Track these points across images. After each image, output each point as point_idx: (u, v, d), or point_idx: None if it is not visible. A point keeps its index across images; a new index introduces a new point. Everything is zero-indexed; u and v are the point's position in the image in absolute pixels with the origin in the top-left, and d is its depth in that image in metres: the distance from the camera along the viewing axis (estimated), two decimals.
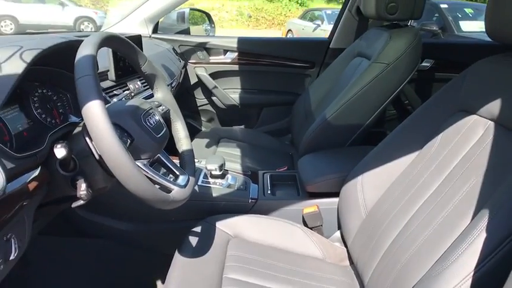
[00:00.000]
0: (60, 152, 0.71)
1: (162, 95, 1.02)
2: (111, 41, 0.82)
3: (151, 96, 1.03)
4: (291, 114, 2.02)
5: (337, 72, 1.79)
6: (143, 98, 1.16)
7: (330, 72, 1.85)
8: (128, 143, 0.78)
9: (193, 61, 2.13)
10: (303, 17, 10.74)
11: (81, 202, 0.80)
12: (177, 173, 0.93)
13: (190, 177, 0.93)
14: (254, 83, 2.22)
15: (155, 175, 0.82)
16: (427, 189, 0.93)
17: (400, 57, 1.40)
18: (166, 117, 1.03)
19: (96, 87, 0.67)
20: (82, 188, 0.77)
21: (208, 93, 2.22)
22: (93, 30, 9.74)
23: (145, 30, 1.94)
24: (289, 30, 10.63)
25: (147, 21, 1.92)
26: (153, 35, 1.98)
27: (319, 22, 9.20)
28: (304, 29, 9.64)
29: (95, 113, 0.66)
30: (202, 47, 2.11)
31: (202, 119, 2.33)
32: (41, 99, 0.91)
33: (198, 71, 2.14)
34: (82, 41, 0.75)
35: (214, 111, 2.30)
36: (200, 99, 2.26)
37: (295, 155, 1.84)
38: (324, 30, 8.54)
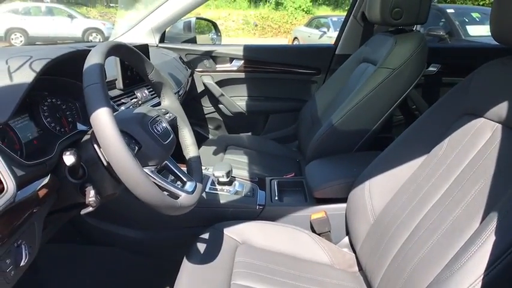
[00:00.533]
0: (69, 159, 0.72)
1: (169, 102, 1.03)
2: (118, 50, 0.83)
3: (159, 104, 1.04)
4: (298, 121, 2.03)
5: (343, 78, 1.79)
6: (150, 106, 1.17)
7: (336, 78, 1.85)
8: (136, 150, 0.79)
9: (200, 69, 2.15)
10: (309, 24, 10.76)
11: (90, 209, 0.81)
12: (185, 179, 0.94)
13: (197, 183, 0.94)
14: (260, 90, 2.23)
15: (163, 181, 0.83)
16: (435, 193, 0.92)
17: (405, 62, 1.40)
18: (174, 125, 1.04)
19: (104, 95, 0.69)
20: (91, 194, 0.78)
21: (215, 101, 2.23)
22: (101, 41, 9.86)
23: (152, 40, 1.96)
24: (296, 38, 10.66)
25: (154, 30, 1.94)
26: (160, 44, 2.00)
27: (325, 29, 9.18)
28: (310, 37, 9.64)
29: (103, 120, 0.67)
30: (209, 55, 2.13)
31: (209, 126, 2.34)
32: (50, 108, 0.92)
33: (205, 79, 2.15)
34: (90, 50, 0.77)
35: (221, 118, 2.31)
36: (207, 107, 2.27)
37: (302, 161, 1.83)
38: (330, 37, 8.53)
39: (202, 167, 1.47)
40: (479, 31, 5.47)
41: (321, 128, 1.52)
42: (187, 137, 1.04)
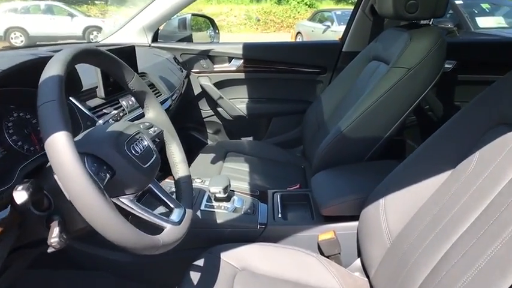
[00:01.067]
0: (20, 196, 0.59)
1: (154, 114, 0.90)
2: (86, 56, 0.70)
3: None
4: (302, 124, 1.89)
5: (352, 78, 1.65)
6: (135, 117, 1.04)
7: (343, 78, 1.71)
8: (107, 179, 0.66)
9: (197, 70, 2.01)
10: (312, 18, 10.65)
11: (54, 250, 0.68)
12: (172, 205, 0.81)
13: (187, 210, 0.81)
14: (262, 92, 2.08)
15: (144, 212, 0.71)
16: (464, 219, 0.78)
17: (422, 61, 1.25)
18: (160, 139, 0.91)
19: (60, 115, 0.56)
20: (54, 234, 0.65)
21: (213, 104, 2.09)
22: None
23: (144, 39, 1.83)
24: (299, 32, 10.57)
25: (145, 29, 1.80)
26: (152, 44, 1.87)
27: (328, 23, 9.11)
28: (313, 31, 9.57)
29: (58, 146, 0.54)
30: (206, 54, 1.99)
31: (208, 131, 2.20)
32: (16, 124, 0.80)
33: (202, 81, 2.01)
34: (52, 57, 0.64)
35: (221, 122, 2.17)
36: (205, 110, 2.13)
37: (308, 168, 1.71)
38: (334, 31, 8.46)
39: (198, 180, 1.35)
40: (489, 23, 5.31)
41: (328, 135, 1.38)
42: (176, 154, 0.91)
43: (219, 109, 2.09)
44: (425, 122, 1.93)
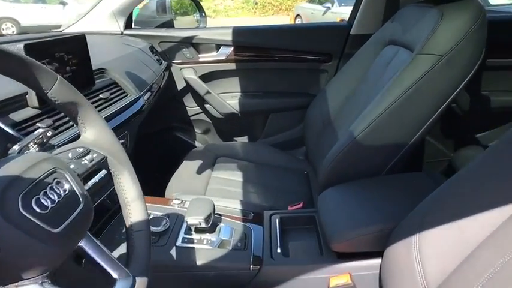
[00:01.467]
0: None
1: (93, 134, 0.63)
2: None
3: None
4: (304, 121, 1.62)
5: (363, 67, 1.37)
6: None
7: (352, 67, 1.43)
8: None
9: (179, 61, 1.71)
10: (311, 0, 10.31)
11: None
12: (114, 275, 0.54)
13: (137, 280, 0.55)
14: (256, 85, 1.80)
15: None
16: None
17: (459, 44, 0.97)
18: (105, 169, 0.64)
19: None
20: None
21: (200, 100, 1.80)
22: None
23: (115, 26, 1.54)
24: (298, 15, 10.28)
25: (116, 14, 1.52)
26: (125, 31, 1.58)
27: (329, 5, 8.80)
28: (313, 13, 9.26)
29: None
30: (189, 42, 1.69)
31: (196, 131, 1.91)
32: None
33: (186, 73, 1.72)
34: None
35: (210, 121, 1.88)
36: (191, 107, 1.84)
37: (312, 175, 1.44)
38: (334, 13, 8.13)
39: (176, 201, 1.08)
40: None
41: (337, 143, 1.09)
42: (127, 189, 0.64)
43: (207, 106, 1.80)
44: (448, 115, 1.65)
